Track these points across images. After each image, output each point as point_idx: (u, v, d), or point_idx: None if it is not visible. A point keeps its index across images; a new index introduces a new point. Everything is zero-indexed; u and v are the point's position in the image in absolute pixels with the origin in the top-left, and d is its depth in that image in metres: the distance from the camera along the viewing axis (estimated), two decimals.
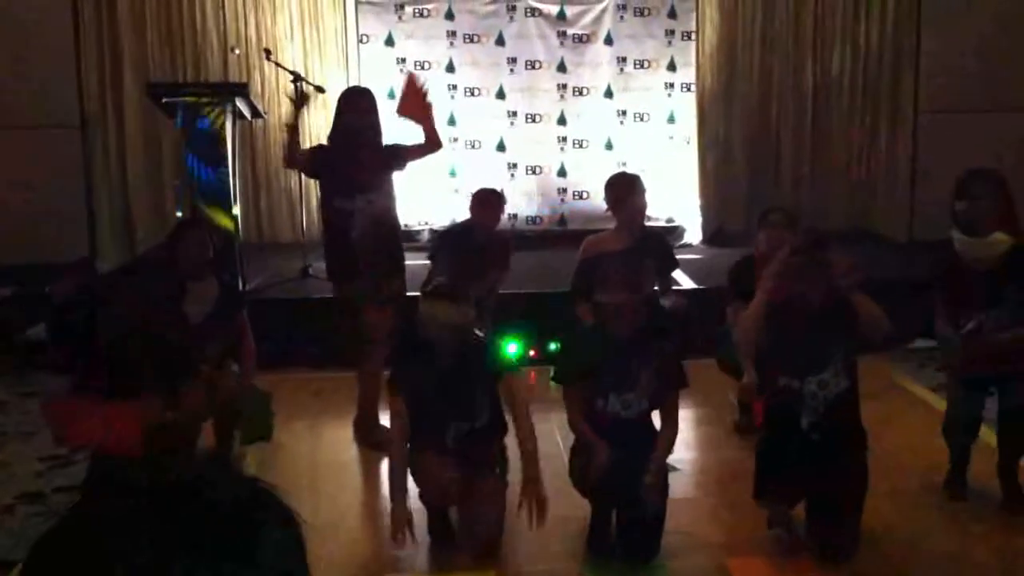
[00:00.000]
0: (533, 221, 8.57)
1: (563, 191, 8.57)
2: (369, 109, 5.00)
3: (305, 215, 7.71)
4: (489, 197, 5.70)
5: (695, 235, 8.57)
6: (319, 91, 7.49)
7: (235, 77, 8.19)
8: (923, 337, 6.08)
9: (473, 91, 8.44)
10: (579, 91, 8.50)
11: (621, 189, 5.24)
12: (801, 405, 3.79)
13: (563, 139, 8.54)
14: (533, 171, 8.55)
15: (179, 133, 6.75)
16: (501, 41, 8.42)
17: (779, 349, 3.87)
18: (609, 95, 8.51)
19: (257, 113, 6.98)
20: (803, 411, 3.79)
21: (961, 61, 8.09)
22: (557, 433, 4.83)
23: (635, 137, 8.50)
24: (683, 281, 6.69)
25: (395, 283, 5.12)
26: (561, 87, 8.49)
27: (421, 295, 4.00)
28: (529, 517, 3.75)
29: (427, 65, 8.35)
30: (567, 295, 5.27)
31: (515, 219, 8.41)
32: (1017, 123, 8.05)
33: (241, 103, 6.60)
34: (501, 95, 8.46)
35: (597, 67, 8.49)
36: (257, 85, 8.27)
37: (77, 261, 7.49)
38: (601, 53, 8.48)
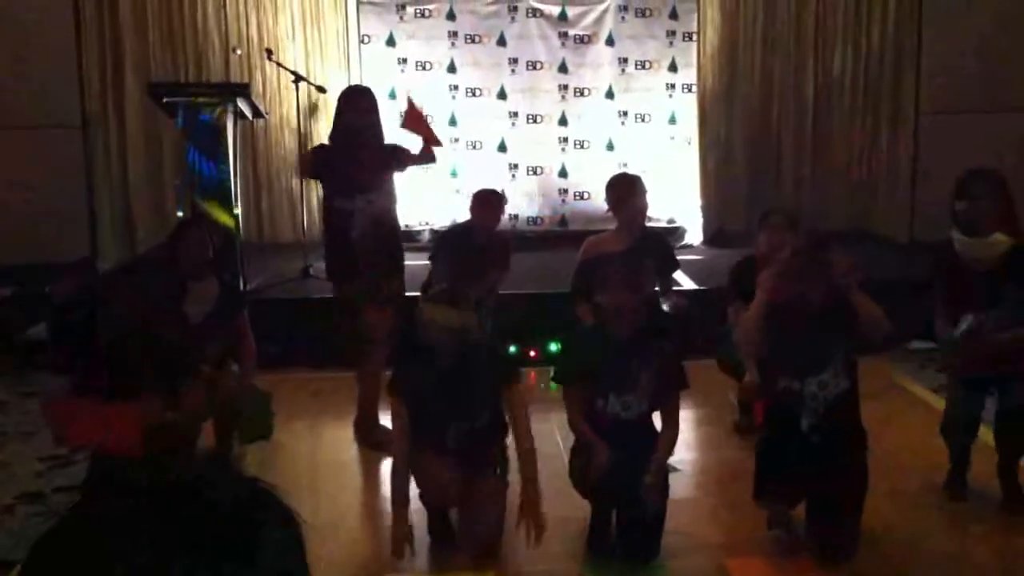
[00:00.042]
0: (534, 222, 8.58)
1: (564, 192, 8.57)
2: (369, 108, 5.00)
3: (306, 215, 7.72)
4: (489, 197, 5.70)
5: (696, 236, 8.58)
6: (320, 91, 7.52)
7: (236, 77, 8.20)
8: (921, 338, 6.09)
9: (474, 91, 8.44)
10: (580, 92, 8.50)
11: (622, 190, 5.23)
12: (801, 406, 3.79)
13: (564, 140, 8.54)
14: (534, 172, 8.55)
15: (180, 133, 6.75)
16: (502, 42, 8.42)
17: (779, 350, 3.87)
18: (610, 96, 8.51)
19: (258, 113, 6.98)
20: (803, 412, 3.78)
21: (961, 61, 8.08)
22: (557, 433, 4.83)
23: (636, 138, 8.50)
24: (684, 282, 6.69)
25: (395, 283, 5.12)
26: (562, 88, 8.49)
27: (422, 299, 3.98)
28: (527, 538, 3.73)
29: (428, 65, 8.36)
30: (567, 296, 5.27)
31: (516, 220, 8.43)
32: (1017, 123, 8.05)
33: (242, 103, 6.59)
34: (502, 95, 8.46)
35: (598, 68, 8.49)
36: (259, 85, 8.29)
37: (78, 261, 7.49)
38: (602, 54, 8.49)
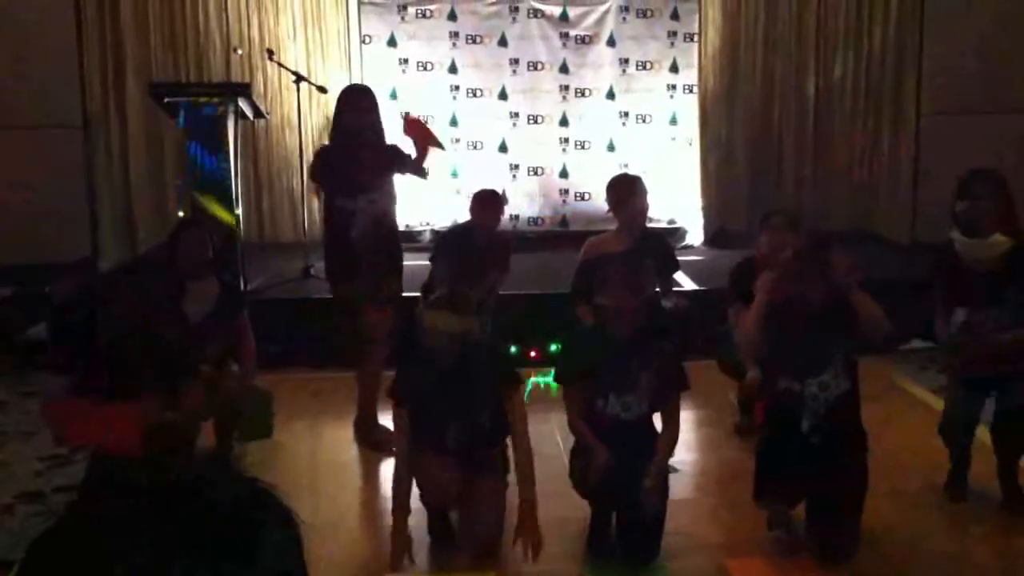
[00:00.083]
0: (535, 222, 8.58)
1: (565, 192, 8.57)
2: (370, 108, 4.98)
3: (307, 215, 7.72)
4: (489, 198, 5.68)
5: (697, 236, 8.58)
6: (321, 91, 7.52)
7: (237, 77, 8.20)
8: (920, 338, 6.09)
9: (475, 92, 8.44)
10: (581, 92, 8.50)
11: (622, 190, 5.23)
12: (802, 407, 3.78)
13: (565, 140, 8.54)
14: (535, 172, 8.55)
15: (181, 132, 6.75)
16: (504, 42, 8.42)
17: (780, 351, 3.87)
18: (611, 96, 8.51)
19: (259, 113, 6.98)
20: (804, 413, 3.78)
21: (962, 62, 8.08)
22: (557, 434, 4.83)
23: (637, 138, 8.50)
24: (684, 282, 6.69)
25: (394, 283, 5.11)
26: (563, 88, 8.49)
27: (423, 305, 3.96)
28: (524, 554, 3.71)
29: (429, 66, 8.36)
30: (568, 296, 5.27)
31: (517, 220, 8.44)
32: (1018, 124, 8.04)
33: (243, 103, 6.60)
34: (503, 96, 8.46)
35: (599, 68, 8.49)
36: (260, 85, 8.30)
37: (78, 261, 7.49)
38: (603, 54, 8.49)
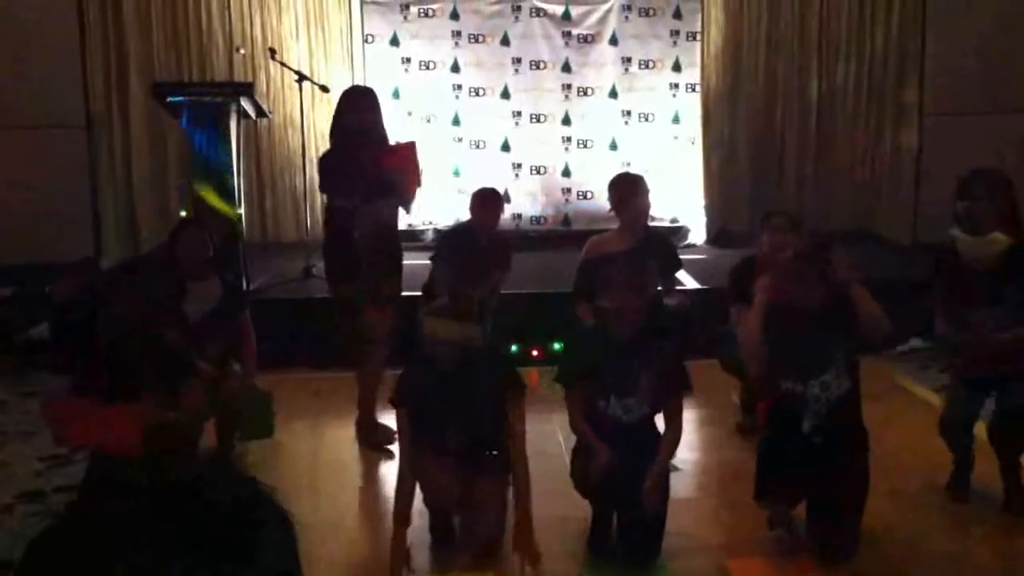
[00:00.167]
0: (537, 221, 8.58)
1: (567, 191, 8.57)
2: (370, 107, 4.96)
3: (309, 215, 7.72)
4: (489, 197, 5.67)
5: (699, 235, 8.58)
6: (324, 91, 7.52)
7: (240, 77, 8.20)
8: (918, 337, 6.07)
9: (478, 91, 8.44)
10: (584, 91, 8.50)
11: (624, 189, 5.22)
12: (804, 407, 3.78)
13: (567, 139, 8.54)
14: (537, 171, 8.55)
15: (184, 131, 6.74)
16: (506, 41, 8.42)
17: (781, 351, 3.86)
18: (614, 95, 8.50)
19: (262, 113, 6.98)
20: (805, 413, 3.77)
21: (963, 62, 8.05)
22: (559, 434, 4.83)
23: (639, 137, 8.50)
24: (686, 281, 6.69)
25: (394, 283, 5.11)
26: (566, 87, 8.49)
27: (424, 311, 3.92)
28: (522, 567, 3.70)
29: (432, 65, 8.37)
30: (570, 295, 5.26)
31: (519, 219, 8.45)
32: (1018, 124, 8.01)
33: (246, 102, 6.60)
34: (506, 95, 8.46)
35: (602, 67, 8.49)
36: (262, 85, 8.30)
37: (80, 261, 7.49)
38: (606, 53, 8.48)
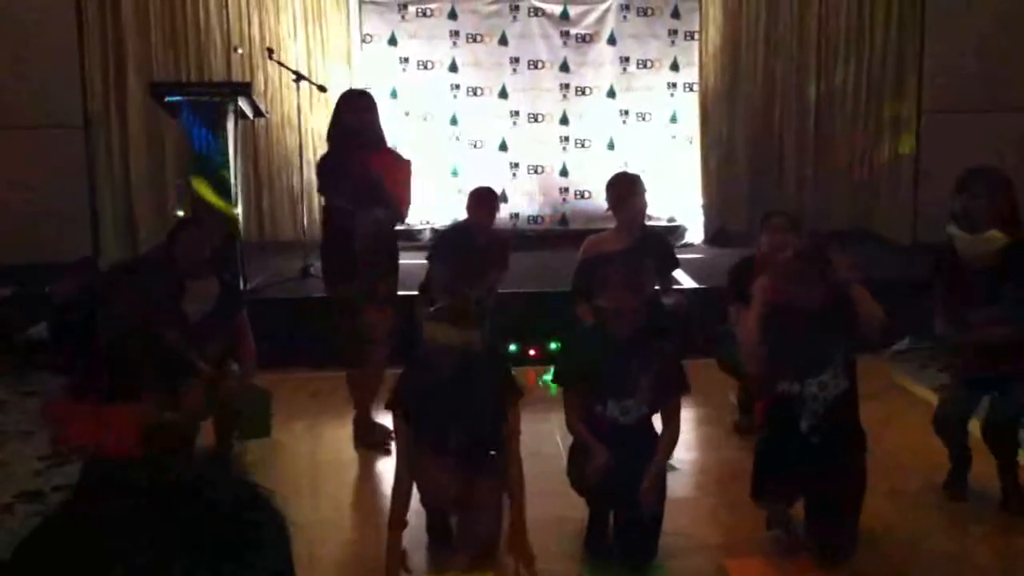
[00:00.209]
0: (535, 221, 8.57)
1: (565, 191, 8.57)
2: (368, 109, 4.98)
3: (307, 214, 7.72)
4: (485, 196, 5.66)
5: (697, 235, 8.57)
6: (321, 90, 7.52)
7: (238, 77, 8.20)
8: (913, 335, 6.07)
9: (476, 91, 8.44)
10: (582, 91, 8.50)
11: (621, 189, 5.22)
12: (801, 407, 3.78)
13: (565, 139, 8.54)
14: (535, 171, 8.55)
15: (182, 129, 6.73)
16: (504, 41, 8.42)
17: (779, 351, 3.86)
18: (612, 95, 8.50)
19: (259, 112, 6.98)
20: (803, 412, 3.78)
21: (962, 61, 8.06)
22: (557, 433, 4.82)
23: (637, 137, 8.50)
24: (684, 281, 6.69)
25: (391, 283, 5.11)
26: (564, 87, 8.49)
27: (422, 314, 3.90)
28: (516, 570, 3.69)
29: (430, 65, 8.36)
30: (568, 295, 5.26)
31: (517, 219, 8.45)
32: (1018, 123, 8.02)
33: (244, 102, 6.59)
34: (504, 95, 8.46)
35: (600, 67, 8.49)
36: (260, 85, 8.29)
37: (79, 260, 7.49)
38: (604, 53, 8.48)
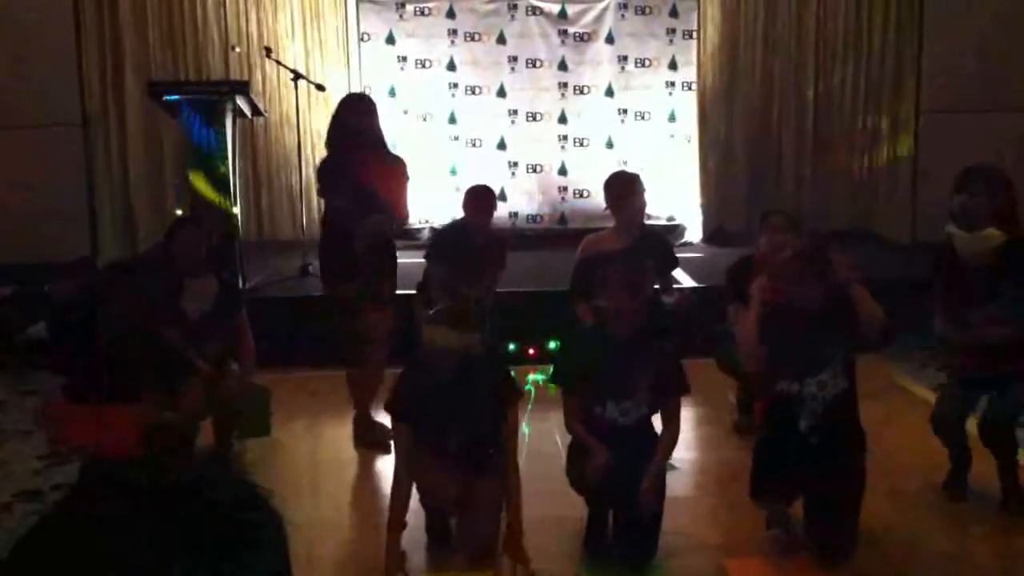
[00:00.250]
0: (533, 220, 8.57)
1: (564, 190, 8.57)
2: (368, 111, 4.99)
3: (305, 213, 7.71)
4: (481, 194, 5.64)
5: (696, 234, 8.57)
6: (320, 89, 7.51)
7: (236, 76, 8.19)
8: (910, 333, 6.06)
9: (474, 89, 8.43)
10: (580, 89, 8.50)
11: (620, 188, 5.22)
12: (800, 406, 3.78)
13: (564, 137, 8.54)
14: (534, 169, 8.54)
15: (179, 126, 6.72)
16: (502, 40, 8.41)
17: (778, 351, 3.86)
18: (610, 94, 8.50)
19: (258, 111, 6.97)
20: (802, 412, 3.78)
21: (961, 61, 8.06)
22: (556, 432, 4.82)
23: (636, 136, 8.49)
24: (683, 280, 6.69)
25: (390, 282, 5.11)
26: (562, 85, 8.48)
27: (421, 315, 3.88)
28: (513, 569, 3.69)
29: (428, 63, 8.36)
30: (567, 294, 5.26)
31: (515, 217, 8.45)
32: (1018, 123, 8.02)
33: (242, 101, 6.58)
34: (502, 93, 8.45)
35: (598, 66, 8.48)
36: (258, 83, 8.29)
37: (77, 260, 7.48)
38: (602, 52, 8.48)
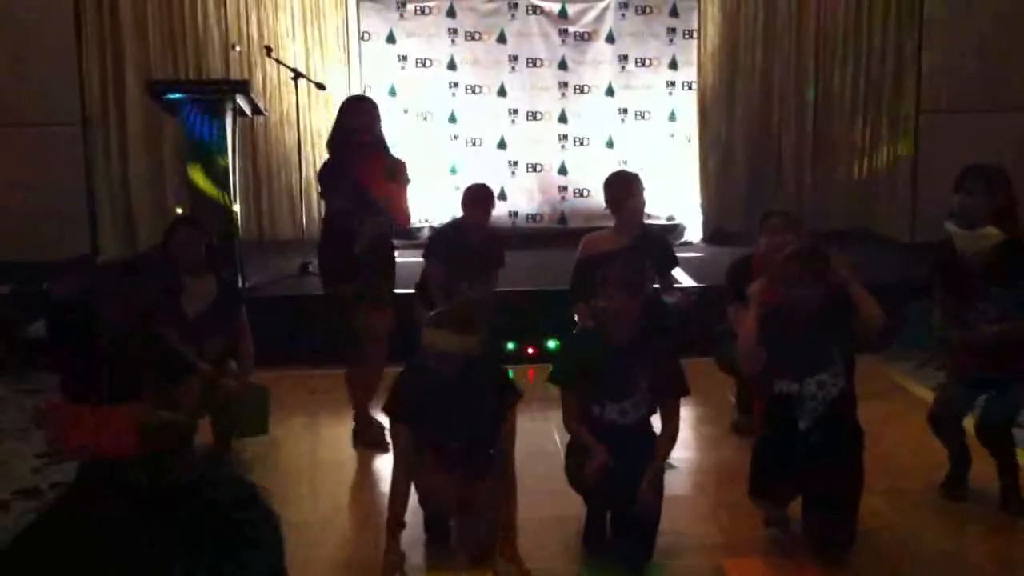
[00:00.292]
0: (533, 219, 8.57)
1: (564, 189, 8.57)
2: (370, 110, 4.99)
3: (305, 212, 7.72)
4: (479, 192, 5.63)
5: (695, 233, 8.57)
6: (320, 88, 7.51)
7: (236, 75, 8.19)
8: (911, 332, 6.06)
9: (474, 89, 8.43)
10: (580, 89, 8.50)
11: (619, 188, 5.22)
12: (800, 407, 3.78)
13: (564, 137, 8.54)
14: (534, 169, 8.54)
15: (180, 125, 6.72)
16: (503, 39, 8.42)
17: (778, 352, 3.85)
18: (610, 93, 8.50)
19: (258, 110, 6.97)
20: (802, 413, 3.78)
21: (962, 61, 8.06)
22: (555, 432, 4.82)
23: (636, 135, 8.50)
24: (683, 279, 6.68)
25: (389, 282, 5.12)
26: (562, 85, 8.49)
27: (423, 323, 3.85)
28: (507, 571, 3.69)
29: (428, 63, 8.36)
30: (566, 293, 5.26)
31: (515, 217, 8.45)
32: (1018, 123, 8.02)
33: (242, 100, 6.57)
34: (502, 93, 8.45)
35: (598, 65, 8.48)
36: (258, 83, 8.29)
37: (76, 258, 7.48)
38: (603, 51, 8.48)
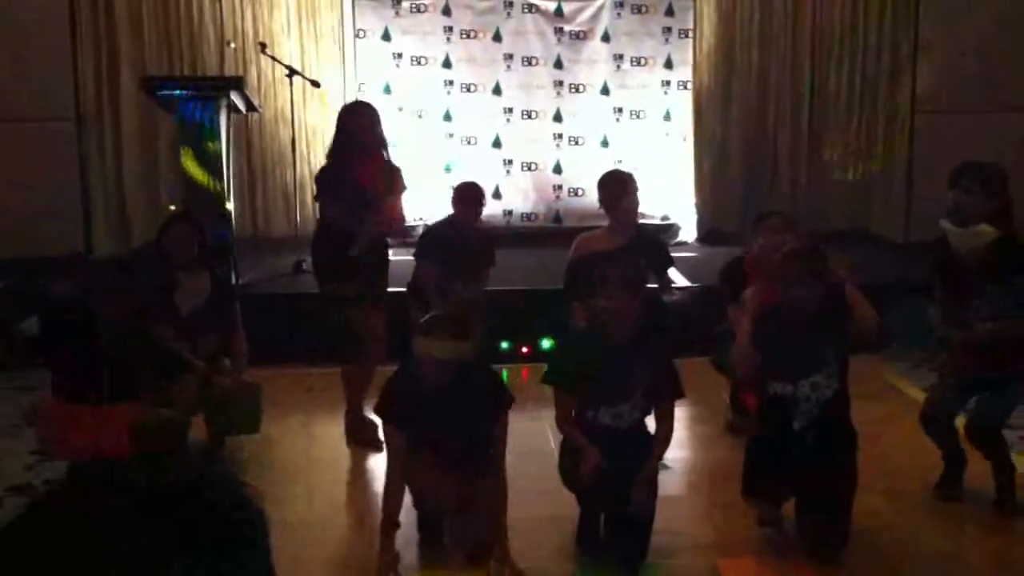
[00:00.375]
0: (528, 218, 8.56)
1: (558, 188, 8.56)
2: (370, 114, 4.99)
3: (299, 210, 7.70)
4: (469, 191, 5.62)
5: (690, 233, 8.57)
6: (315, 85, 7.50)
7: (231, 71, 8.16)
8: (907, 333, 6.06)
9: (469, 87, 8.42)
10: (575, 88, 8.49)
11: (613, 187, 5.20)
12: (794, 407, 3.78)
13: (559, 136, 8.53)
14: (529, 167, 8.53)
15: (174, 121, 6.70)
16: (498, 37, 8.40)
17: (772, 353, 3.85)
18: (605, 92, 8.49)
19: (252, 107, 6.96)
20: (796, 414, 3.78)
21: (957, 61, 8.07)
22: (549, 432, 4.81)
23: (631, 134, 8.49)
24: (677, 279, 6.67)
25: (382, 281, 5.12)
26: (558, 84, 8.48)
27: (416, 329, 3.83)
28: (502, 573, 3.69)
29: (423, 61, 8.34)
30: (560, 292, 5.25)
31: (510, 215, 8.45)
32: (1017, 123, 8.03)
33: (236, 96, 6.57)
34: (497, 91, 8.44)
35: (594, 64, 8.48)
36: (253, 79, 8.26)
37: (70, 255, 7.46)
38: (598, 50, 8.47)
